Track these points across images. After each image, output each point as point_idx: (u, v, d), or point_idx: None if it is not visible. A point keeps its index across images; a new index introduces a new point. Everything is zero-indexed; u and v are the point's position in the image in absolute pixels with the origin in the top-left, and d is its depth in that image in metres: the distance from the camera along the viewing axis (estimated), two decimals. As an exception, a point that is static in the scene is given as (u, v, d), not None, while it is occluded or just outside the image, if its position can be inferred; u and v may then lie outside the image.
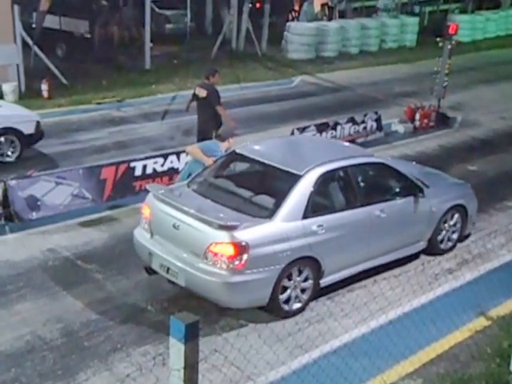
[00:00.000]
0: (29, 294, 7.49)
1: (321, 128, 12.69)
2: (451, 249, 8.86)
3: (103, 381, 6.05)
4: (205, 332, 6.47)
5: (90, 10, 21.91)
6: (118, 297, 7.51)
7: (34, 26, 18.87)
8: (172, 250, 7.03)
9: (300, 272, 7.09)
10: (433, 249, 8.66)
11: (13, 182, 9.17)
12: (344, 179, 7.79)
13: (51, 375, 6.10)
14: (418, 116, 14.78)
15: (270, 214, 6.96)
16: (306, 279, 7.17)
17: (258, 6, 25.45)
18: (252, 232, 6.69)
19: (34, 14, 19.70)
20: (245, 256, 6.57)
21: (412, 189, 8.21)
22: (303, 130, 12.24)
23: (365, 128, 13.79)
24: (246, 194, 7.37)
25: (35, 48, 17.11)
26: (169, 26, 24.68)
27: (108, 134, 13.75)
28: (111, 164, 10.08)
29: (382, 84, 19.59)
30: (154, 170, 10.34)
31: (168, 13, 24.69)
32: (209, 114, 10.86)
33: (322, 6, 26.44)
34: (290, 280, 7.01)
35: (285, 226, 6.91)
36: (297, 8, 26.82)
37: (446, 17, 28.57)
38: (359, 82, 19.75)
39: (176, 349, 3.48)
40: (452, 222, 8.76)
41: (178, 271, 6.91)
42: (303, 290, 7.19)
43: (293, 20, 25.38)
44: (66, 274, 8.00)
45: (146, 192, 7.79)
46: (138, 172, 10.17)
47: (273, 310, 7.03)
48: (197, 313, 3.66)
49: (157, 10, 23.13)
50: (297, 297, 7.14)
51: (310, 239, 7.02)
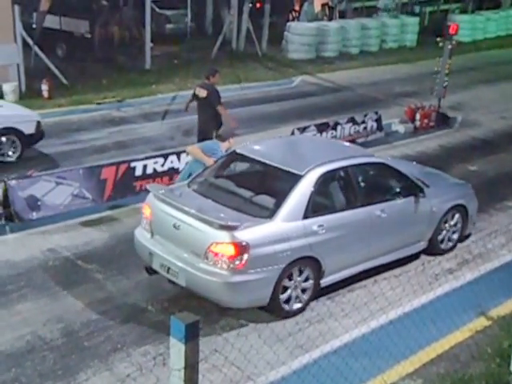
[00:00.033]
0: (29, 293, 7.49)
1: (321, 128, 12.69)
2: (452, 249, 8.86)
3: (103, 381, 6.05)
4: (205, 332, 6.48)
5: (91, 10, 21.91)
6: (119, 297, 7.51)
7: (34, 26, 18.87)
8: (172, 249, 7.03)
9: (300, 272, 7.09)
10: (433, 249, 8.66)
11: (13, 182, 9.18)
12: (344, 179, 7.79)
13: (51, 375, 6.11)
14: (418, 116, 14.78)
15: (270, 213, 6.96)
16: (306, 279, 7.17)
17: (258, 6, 25.44)
18: (252, 232, 6.69)
19: (35, 14, 19.71)
20: (245, 256, 6.57)
21: (412, 189, 8.21)
22: (303, 130, 12.24)
23: (365, 128, 13.78)
24: (247, 194, 7.37)
25: (35, 48, 17.11)
26: (169, 26, 24.67)
27: (108, 134, 13.75)
28: (111, 164, 10.08)
29: (383, 84, 19.58)
30: (155, 170, 10.34)
31: (168, 13, 24.69)
32: (209, 114, 10.86)
33: (323, 6, 26.43)
34: (290, 280, 7.01)
35: (285, 225, 6.91)
36: (297, 8, 26.81)
37: (446, 17, 28.57)
38: (359, 82, 19.74)
39: (176, 349, 3.48)
40: (452, 222, 8.76)
41: (178, 271, 6.90)
42: (304, 290, 7.19)
43: (293, 20, 25.37)
44: (66, 274, 8.01)
45: (147, 192, 7.79)
46: (139, 172, 10.17)
47: (273, 309, 7.03)
48: (197, 313, 3.66)
49: (157, 10, 23.13)
50: (297, 297, 7.14)
51: (310, 239, 7.02)
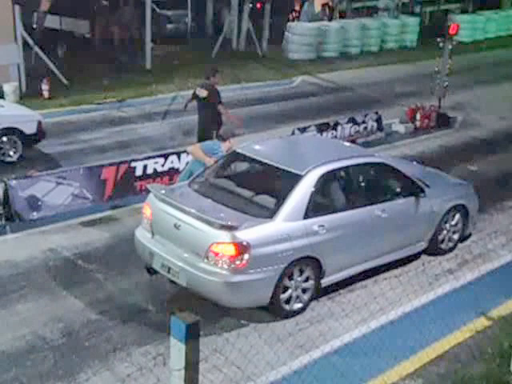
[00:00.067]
0: (29, 293, 7.49)
1: (321, 128, 12.68)
2: (452, 249, 8.85)
3: (104, 381, 6.05)
4: (205, 332, 6.47)
5: (91, 10, 21.93)
6: (119, 297, 7.51)
7: (34, 26, 18.89)
8: (173, 249, 7.02)
9: (301, 272, 7.09)
10: (434, 249, 8.64)
11: (14, 182, 9.18)
12: (345, 179, 7.80)
13: (52, 375, 6.11)
14: (418, 116, 14.78)
15: (271, 213, 6.96)
16: (307, 279, 7.17)
17: (258, 6, 25.42)
18: (253, 232, 6.69)
19: (35, 14, 19.74)
20: (246, 256, 6.57)
21: (413, 189, 8.21)
22: (304, 130, 12.24)
23: (365, 128, 13.77)
24: (247, 193, 7.36)
25: (36, 48, 17.11)
26: (169, 26, 24.68)
27: (109, 134, 13.74)
28: (112, 164, 10.07)
29: (383, 84, 19.56)
30: (155, 170, 10.33)
31: (169, 13, 24.69)
32: (209, 114, 10.86)
33: (323, 6, 26.37)
34: (291, 280, 7.01)
35: (286, 225, 6.91)
36: (297, 8, 26.76)
37: (446, 17, 28.55)
38: (360, 82, 19.72)
39: (177, 349, 3.47)
40: (453, 222, 8.75)
41: (179, 271, 6.90)
42: (304, 290, 7.19)
43: (293, 20, 25.34)
44: (66, 274, 8.01)
45: (147, 192, 7.79)
46: (139, 172, 10.17)
47: (274, 310, 7.03)
48: (197, 313, 3.65)
49: (157, 10, 23.13)
50: (298, 297, 7.14)
51: (311, 239, 7.01)
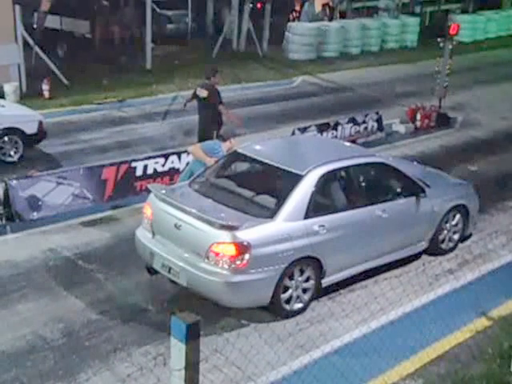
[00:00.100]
0: (30, 293, 7.49)
1: (322, 128, 12.68)
2: (452, 249, 8.85)
3: (104, 381, 6.05)
4: (206, 332, 6.46)
5: (91, 10, 21.92)
6: (119, 297, 7.51)
7: (35, 26, 18.89)
8: (174, 249, 7.02)
9: (301, 272, 7.09)
10: (434, 249, 8.64)
11: (14, 182, 9.19)
12: (346, 179, 7.79)
13: (52, 375, 6.11)
14: (419, 116, 14.76)
15: (271, 213, 6.96)
16: (307, 279, 7.17)
17: (258, 6, 25.42)
18: (254, 232, 6.69)
19: (35, 14, 19.73)
20: (246, 256, 6.57)
21: (414, 189, 8.20)
22: (304, 130, 12.23)
23: (366, 128, 13.77)
24: (248, 193, 7.36)
25: (36, 48, 17.12)
26: (170, 26, 24.67)
27: (109, 134, 13.75)
28: (112, 164, 10.08)
29: (383, 84, 19.55)
30: (155, 170, 10.33)
31: (169, 13, 24.68)
32: (210, 114, 10.86)
33: (323, 6, 26.37)
34: (291, 280, 7.01)
35: (286, 225, 6.91)
36: (298, 8, 26.76)
37: (447, 17, 28.53)
38: (360, 82, 19.72)
39: (177, 349, 3.47)
40: (453, 222, 8.75)
41: (179, 271, 6.90)
42: (305, 290, 7.18)
43: (294, 20, 25.34)
44: (67, 274, 8.01)
45: (147, 192, 7.79)
46: (139, 172, 10.17)
47: (274, 309, 7.03)
48: (198, 313, 3.65)
49: (158, 10, 23.13)
50: (298, 297, 7.13)
51: (311, 239, 7.01)
